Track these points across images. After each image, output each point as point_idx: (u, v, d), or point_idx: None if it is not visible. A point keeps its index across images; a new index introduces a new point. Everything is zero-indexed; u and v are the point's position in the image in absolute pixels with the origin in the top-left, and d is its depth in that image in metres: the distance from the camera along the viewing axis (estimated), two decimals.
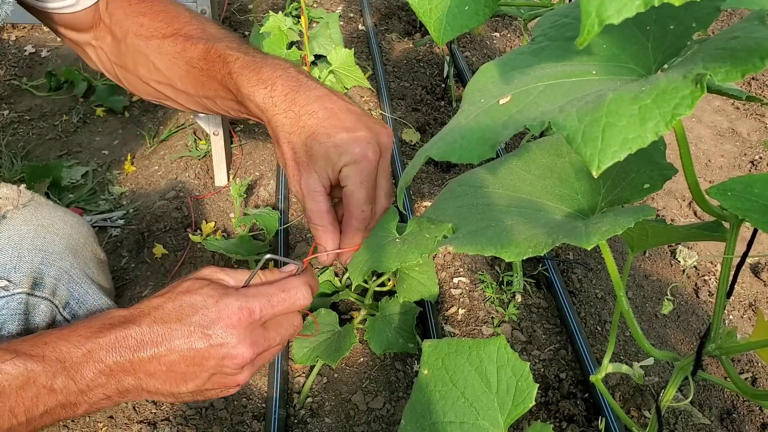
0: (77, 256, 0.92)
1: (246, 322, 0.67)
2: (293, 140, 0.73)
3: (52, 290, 0.87)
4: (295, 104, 0.73)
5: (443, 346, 0.75)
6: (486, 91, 0.52)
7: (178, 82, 0.87)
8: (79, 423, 1.34)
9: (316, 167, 0.72)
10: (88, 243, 0.97)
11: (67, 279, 0.89)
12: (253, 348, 0.67)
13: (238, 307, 0.66)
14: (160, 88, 0.91)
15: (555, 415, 1.38)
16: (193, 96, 0.87)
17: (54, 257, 0.88)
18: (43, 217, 0.91)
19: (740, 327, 1.62)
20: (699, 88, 0.36)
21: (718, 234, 0.56)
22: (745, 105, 2.44)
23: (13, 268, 0.84)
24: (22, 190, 0.92)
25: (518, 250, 0.50)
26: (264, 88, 0.75)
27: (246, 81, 0.76)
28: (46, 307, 0.86)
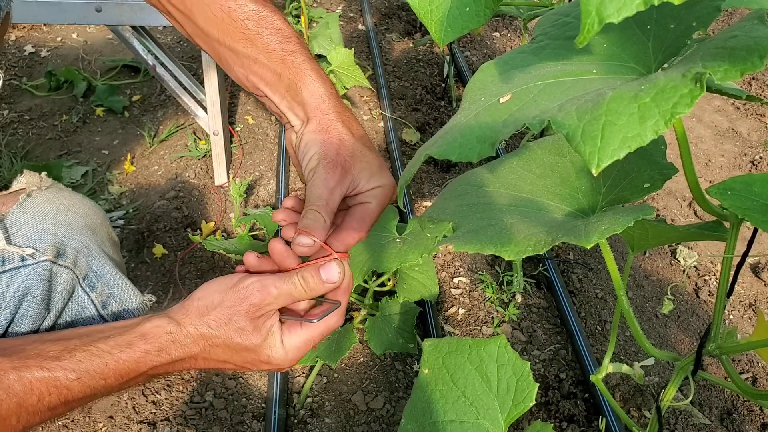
0: (95, 233, 0.97)
1: (292, 358, 0.75)
2: (344, 139, 0.77)
3: (74, 261, 0.92)
4: (345, 113, 0.79)
5: (444, 345, 0.75)
6: (486, 89, 0.52)
7: (200, 20, 0.81)
8: (79, 423, 1.34)
9: (354, 171, 0.76)
10: (104, 224, 1.02)
11: (86, 252, 0.94)
12: (294, 360, 0.75)
13: (284, 354, 0.75)
14: (168, 7, 0.83)
15: (555, 415, 1.38)
16: (212, 40, 0.81)
17: (75, 232, 0.93)
18: (65, 198, 0.96)
19: (740, 327, 1.62)
20: (698, 86, 0.36)
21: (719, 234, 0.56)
22: (746, 105, 2.44)
23: (38, 238, 0.89)
24: (43, 177, 0.98)
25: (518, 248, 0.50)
26: (330, 89, 0.80)
27: (313, 72, 0.79)
28: (68, 276, 0.91)
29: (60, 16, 1.72)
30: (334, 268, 0.74)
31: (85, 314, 0.94)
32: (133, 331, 0.74)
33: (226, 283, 0.74)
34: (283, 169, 2.02)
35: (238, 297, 0.72)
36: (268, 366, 0.75)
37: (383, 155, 2.16)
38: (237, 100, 2.39)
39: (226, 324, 0.72)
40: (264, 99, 0.83)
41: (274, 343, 0.74)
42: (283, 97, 0.81)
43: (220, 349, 0.73)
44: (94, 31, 2.79)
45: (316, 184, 0.75)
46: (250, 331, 0.72)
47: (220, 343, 0.73)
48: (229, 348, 0.73)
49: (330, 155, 0.76)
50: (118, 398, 1.39)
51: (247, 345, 0.73)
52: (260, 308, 0.72)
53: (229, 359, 0.75)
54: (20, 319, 0.86)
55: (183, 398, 1.40)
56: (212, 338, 0.72)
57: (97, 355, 0.71)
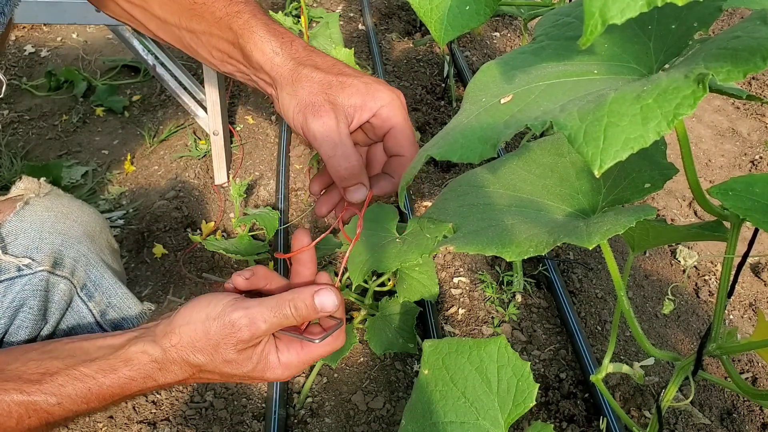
0: (94, 242, 0.95)
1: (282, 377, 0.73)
2: (313, 77, 0.70)
3: (71, 271, 0.91)
4: (315, 57, 0.73)
5: (444, 345, 0.75)
6: (487, 90, 0.52)
7: (156, 7, 0.79)
8: (79, 423, 1.34)
9: (341, 102, 0.70)
10: (104, 232, 1.00)
11: (84, 262, 0.93)
12: (291, 375, 0.74)
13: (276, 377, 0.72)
14: (128, 7, 0.82)
15: (555, 415, 1.38)
16: (171, 26, 0.79)
17: (73, 241, 0.92)
18: (63, 206, 0.95)
19: (741, 327, 1.62)
20: (701, 87, 0.36)
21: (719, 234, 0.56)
22: (746, 104, 2.44)
23: (35, 248, 0.87)
24: (42, 183, 0.97)
25: (519, 249, 0.50)
26: (281, 39, 0.73)
27: (261, 27, 0.73)
28: (65, 286, 0.90)
29: (60, 16, 1.72)
30: (329, 296, 0.69)
31: (83, 323, 0.93)
32: (117, 355, 0.70)
33: (210, 312, 0.69)
34: (283, 169, 2.02)
35: (223, 332, 0.68)
36: (266, 381, 0.74)
37: None
38: (237, 100, 2.39)
39: (213, 355, 0.69)
40: (244, 78, 0.78)
41: (268, 365, 0.71)
42: (247, 67, 0.76)
43: (210, 374, 0.71)
44: (94, 31, 2.79)
45: (316, 136, 0.70)
46: (240, 362, 0.70)
47: (210, 370, 0.70)
48: (221, 375, 0.71)
49: (309, 101, 0.70)
50: None
51: (238, 373, 0.71)
52: (249, 342, 0.69)
53: (221, 380, 0.73)
54: (16, 330, 0.85)
55: (183, 398, 1.40)
56: (200, 366, 0.70)
57: (79, 379, 0.69)
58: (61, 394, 0.68)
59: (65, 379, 0.68)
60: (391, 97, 0.71)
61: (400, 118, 0.71)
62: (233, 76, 0.79)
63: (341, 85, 0.70)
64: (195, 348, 0.69)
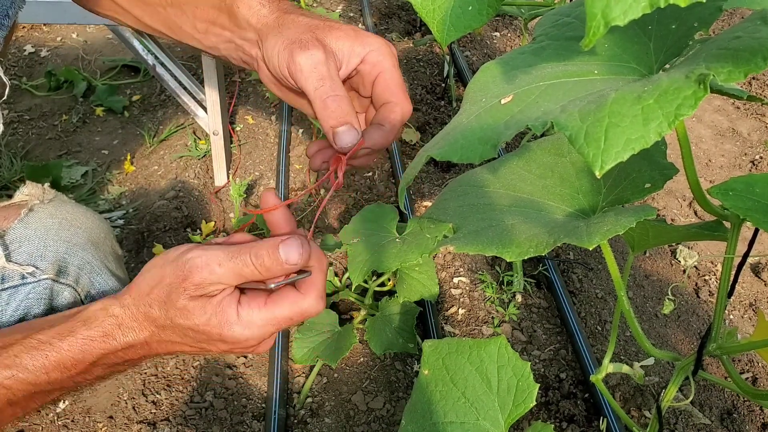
0: (98, 249, 0.94)
1: (254, 340, 0.66)
2: (301, 21, 0.68)
3: (76, 278, 0.90)
4: (302, 10, 0.71)
5: (444, 346, 0.75)
6: (487, 90, 0.52)
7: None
8: (78, 423, 1.34)
9: (330, 43, 0.67)
10: (108, 238, 0.99)
11: (89, 269, 0.92)
12: (263, 345, 0.68)
13: (245, 338, 0.65)
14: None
15: (555, 415, 1.38)
16: (155, 5, 0.78)
17: (77, 248, 0.90)
18: (67, 212, 0.94)
19: (741, 327, 1.62)
20: (702, 88, 0.36)
21: (719, 234, 0.56)
22: (746, 105, 2.44)
23: (39, 256, 0.86)
24: (46, 189, 0.96)
25: (519, 250, 0.50)
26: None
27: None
28: (69, 294, 0.89)
29: (60, 16, 1.72)
30: (294, 245, 0.62)
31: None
32: (76, 316, 0.66)
33: (169, 256, 0.64)
34: (283, 169, 2.02)
35: (177, 274, 0.63)
36: (226, 345, 0.65)
37: (383, 155, 2.16)
38: (237, 100, 2.39)
39: (166, 304, 0.63)
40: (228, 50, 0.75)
41: (225, 319, 0.63)
42: (232, 31, 0.73)
43: (169, 331, 0.65)
44: (94, 31, 2.79)
45: (303, 69, 0.64)
46: (191, 311, 0.63)
47: (167, 325, 0.64)
48: (176, 329, 0.64)
49: (296, 38, 0.66)
50: (118, 398, 1.39)
51: (192, 325, 0.63)
52: (201, 288, 0.62)
53: (182, 341, 0.66)
54: None
55: (183, 398, 1.40)
56: (157, 319, 0.64)
57: (35, 347, 0.65)
58: (16, 366, 0.64)
59: (20, 349, 0.65)
60: (380, 43, 0.68)
61: (389, 63, 0.68)
62: (217, 51, 0.77)
63: (329, 28, 0.67)
64: (150, 297, 0.64)
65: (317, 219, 0.69)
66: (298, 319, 0.65)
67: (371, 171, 2.08)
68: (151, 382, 1.43)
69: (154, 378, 1.44)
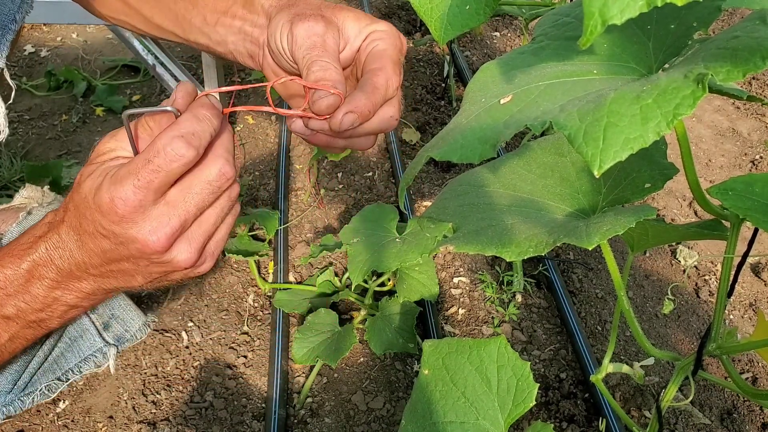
0: None
1: (127, 211, 0.56)
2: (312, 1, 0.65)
3: None
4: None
5: (444, 346, 0.75)
6: (487, 90, 0.52)
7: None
8: (78, 423, 1.34)
9: (337, 20, 0.64)
10: None
11: None
12: (158, 231, 0.57)
13: (109, 200, 0.55)
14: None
15: (555, 415, 1.38)
16: (165, 2, 0.76)
17: None
18: None
19: (741, 327, 1.62)
20: (700, 87, 0.36)
21: (719, 233, 0.56)
22: (746, 104, 2.44)
23: None
24: (45, 191, 0.95)
25: (519, 249, 0.50)
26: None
27: None
28: None
29: (60, 16, 1.72)
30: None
31: (85, 336, 0.92)
32: (28, 232, 0.64)
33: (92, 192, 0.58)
34: (283, 169, 2.02)
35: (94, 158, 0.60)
36: (135, 247, 0.57)
37: (383, 155, 2.16)
38: (237, 100, 2.39)
39: (78, 192, 0.59)
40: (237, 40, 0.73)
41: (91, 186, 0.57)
42: (244, 20, 0.71)
43: (89, 225, 0.59)
44: (94, 30, 2.79)
45: (297, 39, 0.61)
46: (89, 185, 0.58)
47: (82, 216, 0.58)
48: (94, 227, 0.58)
49: (300, 13, 0.63)
50: (118, 398, 1.39)
51: (92, 204, 0.57)
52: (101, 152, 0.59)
53: (104, 252, 0.60)
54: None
55: (183, 398, 1.40)
56: (74, 213, 0.59)
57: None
58: None
59: None
60: (388, 27, 0.65)
61: (391, 48, 0.64)
62: (224, 46, 0.75)
63: (339, 9, 0.64)
64: (74, 190, 0.60)
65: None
66: (154, 172, 0.55)
67: (371, 171, 2.08)
68: (151, 381, 1.43)
69: (154, 378, 1.44)
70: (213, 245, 0.64)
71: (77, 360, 0.94)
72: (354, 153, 2.06)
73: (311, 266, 1.73)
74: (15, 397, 0.85)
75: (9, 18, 0.79)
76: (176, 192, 0.57)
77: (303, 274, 1.71)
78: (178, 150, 0.55)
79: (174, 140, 0.55)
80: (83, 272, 0.62)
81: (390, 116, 0.65)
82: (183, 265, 0.61)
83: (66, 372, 0.91)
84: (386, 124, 0.65)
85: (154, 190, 0.55)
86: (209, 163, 0.58)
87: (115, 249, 0.58)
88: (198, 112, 0.60)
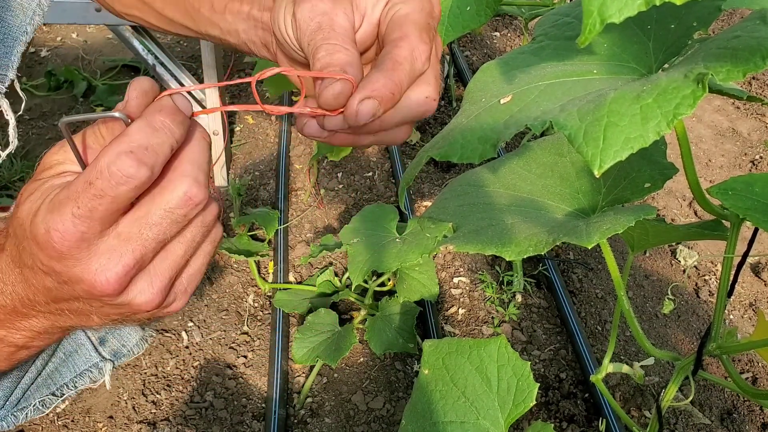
0: None
1: (66, 246, 0.45)
2: None
3: None
4: None
5: (444, 345, 0.75)
6: (487, 90, 0.52)
7: None
8: (79, 423, 1.34)
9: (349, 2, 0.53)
10: None
11: None
12: (107, 270, 0.46)
13: (45, 231, 0.45)
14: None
15: (555, 415, 1.38)
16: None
17: None
18: None
19: (741, 327, 1.62)
20: (700, 87, 0.36)
21: (719, 233, 0.56)
22: (746, 105, 2.44)
23: None
24: None
25: (519, 249, 0.50)
26: None
27: None
28: None
29: (60, 16, 1.72)
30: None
31: (80, 351, 0.90)
32: None
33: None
34: (283, 169, 2.02)
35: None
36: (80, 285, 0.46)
37: (383, 155, 2.16)
38: (236, 99, 2.39)
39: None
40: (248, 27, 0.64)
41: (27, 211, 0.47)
42: (251, 3, 0.62)
43: (26, 246, 0.47)
44: (94, 30, 2.79)
45: (300, 23, 0.52)
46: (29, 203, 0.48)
47: (19, 235, 0.48)
48: (30, 246, 0.47)
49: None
50: (118, 398, 1.39)
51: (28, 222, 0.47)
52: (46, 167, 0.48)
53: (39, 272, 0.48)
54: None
55: (183, 398, 1.40)
56: (15, 231, 0.49)
57: None
58: None
59: None
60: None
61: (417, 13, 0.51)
62: (236, 37, 0.67)
63: None
64: (14, 212, 0.50)
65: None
66: (97, 199, 0.44)
67: (371, 171, 2.08)
68: (151, 382, 1.43)
69: (154, 378, 1.44)
70: (185, 280, 0.52)
71: (72, 375, 0.92)
72: (354, 152, 2.06)
73: (311, 266, 1.73)
74: (7, 412, 0.83)
75: (21, 30, 0.78)
76: (129, 221, 0.47)
77: (303, 274, 1.71)
78: (125, 169, 0.43)
79: (120, 157, 0.43)
80: (30, 309, 0.52)
81: (426, 97, 0.51)
82: (144, 308, 0.49)
83: (60, 387, 0.89)
84: (422, 108, 0.52)
85: (99, 219, 0.45)
86: (171, 184, 0.46)
87: (59, 288, 0.49)
88: (153, 119, 0.47)
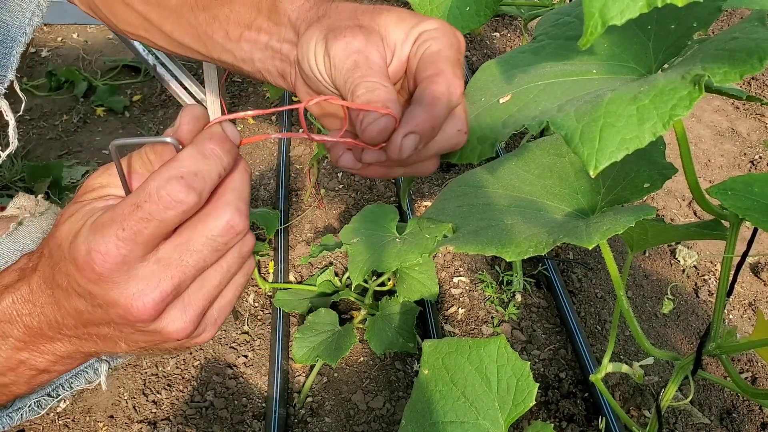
0: None
1: (107, 268, 0.45)
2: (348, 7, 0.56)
3: None
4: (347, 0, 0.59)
5: (443, 345, 0.75)
6: (487, 89, 0.52)
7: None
8: (79, 423, 1.35)
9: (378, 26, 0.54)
10: None
11: None
12: (145, 295, 0.47)
13: (86, 252, 0.45)
14: (143, 9, 0.71)
15: (555, 415, 1.38)
16: (186, 13, 0.69)
17: None
18: None
19: (740, 326, 1.62)
20: (697, 89, 0.36)
21: (718, 233, 0.56)
22: (745, 105, 2.44)
23: None
24: (39, 200, 0.93)
25: (519, 249, 0.50)
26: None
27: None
28: None
29: (60, 16, 1.72)
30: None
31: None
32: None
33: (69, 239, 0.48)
34: (283, 169, 2.02)
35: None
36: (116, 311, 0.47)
37: None
38: (237, 100, 2.39)
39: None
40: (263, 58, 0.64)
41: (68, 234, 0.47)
42: (270, 34, 0.62)
43: (63, 280, 0.48)
44: (95, 31, 2.79)
45: (335, 60, 0.52)
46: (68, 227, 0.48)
47: (57, 266, 0.48)
48: (69, 285, 0.48)
49: (333, 26, 0.54)
50: (119, 398, 1.39)
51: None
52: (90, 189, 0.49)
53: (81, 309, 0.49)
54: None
55: (183, 398, 1.40)
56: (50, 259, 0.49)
57: None
58: None
59: None
60: (440, 24, 0.54)
61: (447, 48, 0.52)
62: (251, 65, 0.67)
63: (378, 12, 0.55)
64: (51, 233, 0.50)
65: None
66: (144, 221, 0.44)
67: None
68: (152, 381, 1.43)
69: (154, 377, 1.44)
70: (216, 312, 0.52)
71: (68, 376, 0.92)
72: None
73: (311, 266, 1.73)
74: (2, 413, 0.83)
75: (20, 31, 0.78)
76: (170, 247, 0.47)
77: (303, 273, 1.72)
78: (174, 194, 0.44)
79: (170, 182, 0.44)
80: (56, 332, 0.52)
81: (458, 130, 0.53)
82: (175, 336, 0.50)
83: (56, 388, 0.88)
84: (453, 140, 0.53)
85: (143, 243, 0.45)
86: (215, 211, 0.47)
87: (92, 311, 0.49)
88: (204, 147, 0.47)
